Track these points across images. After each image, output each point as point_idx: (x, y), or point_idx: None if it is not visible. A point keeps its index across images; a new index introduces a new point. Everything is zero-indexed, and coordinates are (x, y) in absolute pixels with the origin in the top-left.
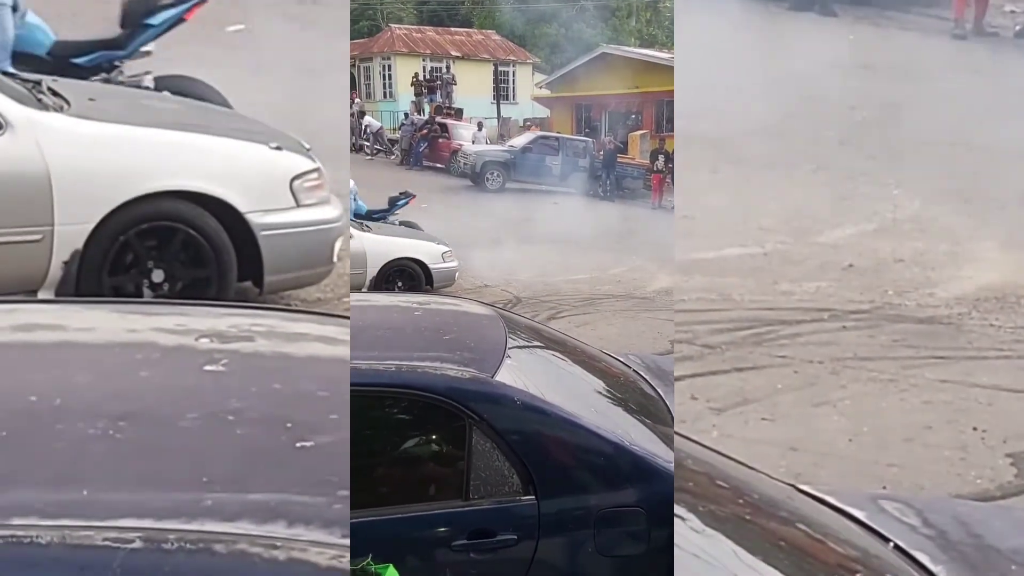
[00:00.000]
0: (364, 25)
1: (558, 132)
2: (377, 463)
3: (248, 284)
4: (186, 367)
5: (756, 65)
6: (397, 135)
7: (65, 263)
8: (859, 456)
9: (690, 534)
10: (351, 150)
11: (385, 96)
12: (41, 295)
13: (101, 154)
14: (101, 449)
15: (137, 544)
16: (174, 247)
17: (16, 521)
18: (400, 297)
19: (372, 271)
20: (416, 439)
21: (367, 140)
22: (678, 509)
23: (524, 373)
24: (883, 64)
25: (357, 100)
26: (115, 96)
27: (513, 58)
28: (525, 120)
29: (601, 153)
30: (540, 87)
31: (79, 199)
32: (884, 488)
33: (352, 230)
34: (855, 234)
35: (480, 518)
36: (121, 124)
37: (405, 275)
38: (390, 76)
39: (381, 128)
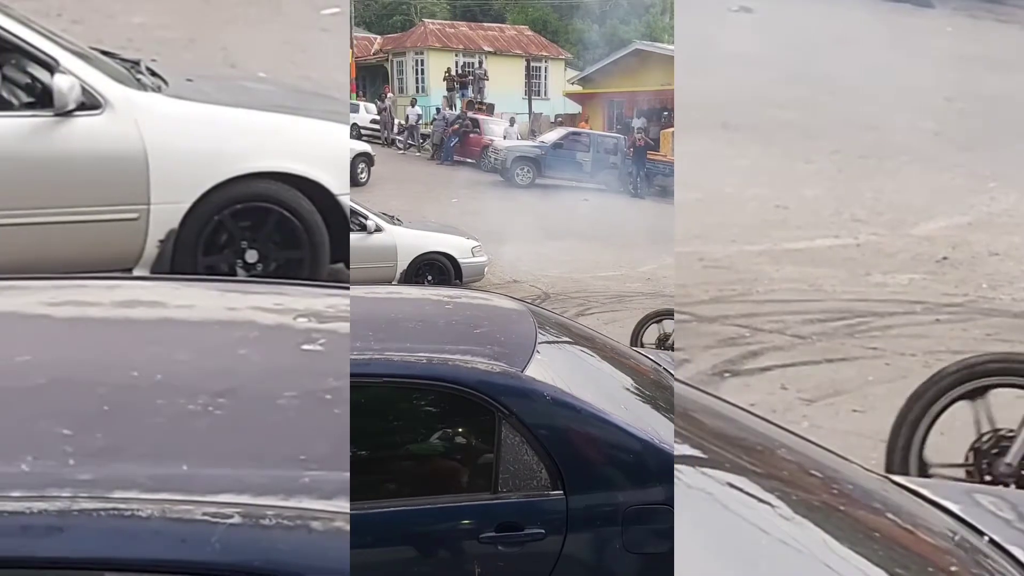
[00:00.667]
0: (397, 20)
1: (590, 128)
2: (407, 454)
3: (340, 266)
4: (284, 346)
5: (851, 56)
6: (429, 130)
7: (160, 242)
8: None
9: (779, 521)
10: (383, 144)
11: (417, 91)
12: (136, 273)
13: (197, 134)
14: (201, 425)
15: (236, 519)
16: (268, 228)
17: (118, 494)
18: (430, 290)
19: (402, 264)
20: (446, 431)
21: (400, 135)
22: (767, 496)
23: (553, 368)
24: (980, 56)
25: (390, 94)
26: (212, 77)
27: (545, 54)
28: (556, 116)
29: (632, 150)
30: (572, 83)
31: (175, 179)
32: None
33: (383, 224)
34: (949, 227)
35: (508, 511)
36: (218, 105)
37: (435, 269)
38: (423, 71)
39: (417, 121)
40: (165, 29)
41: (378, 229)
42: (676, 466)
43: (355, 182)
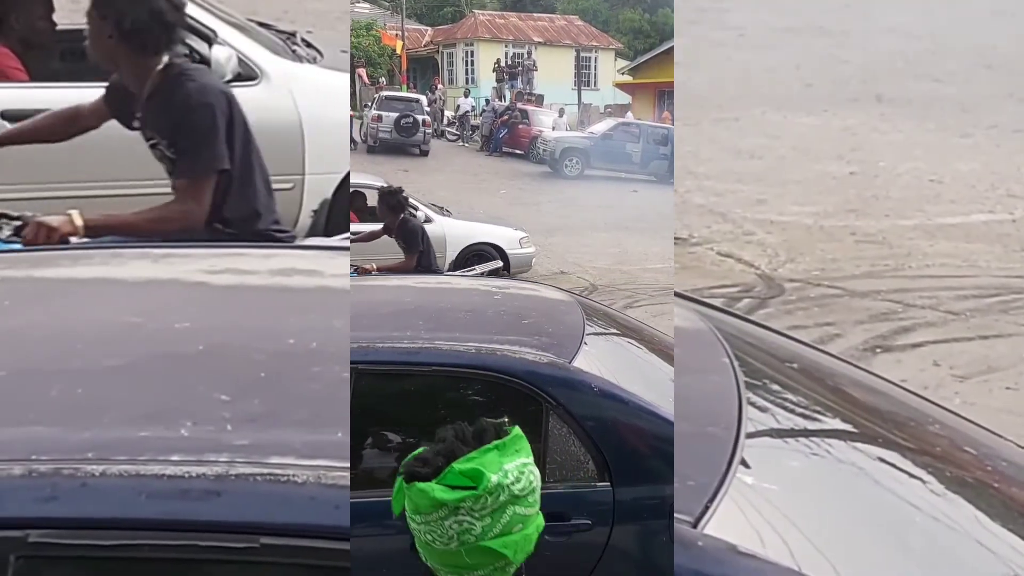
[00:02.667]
0: (448, 11)
1: (639, 119)
2: None
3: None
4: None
5: (1009, 28)
6: (478, 121)
7: (314, 212)
8: None
9: (931, 497)
10: (432, 136)
11: (467, 82)
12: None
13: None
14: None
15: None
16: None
17: (274, 460)
18: (479, 281)
19: (451, 255)
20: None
21: (450, 126)
22: (919, 471)
23: (601, 360)
24: None
25: (440, 87)
26: None
27: (596, 44)
28: (606, 106)
29: None
30: (622, 73)
31: (329, 149)
32: None
33: (432, 214)
34: None
35: (555, 501)
36: None
37: (483, 259)
38: (472, 62)
39: (467, 113)
40: (320, 1)
41: (428, 220)
42: (827, 440)
43: None
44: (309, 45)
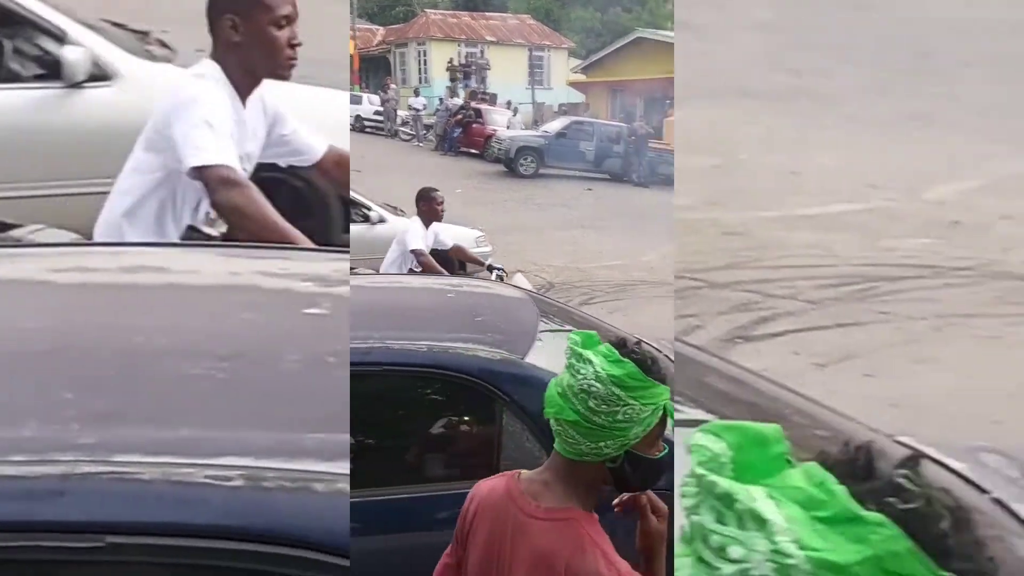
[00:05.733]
0: (400, 11)
1: (593, 117)
2: (410, 442)
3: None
4: (287, 310)
5: (863, 23)
6: (432, 120)
7: None
8: (961, 412)
9: None
10: (386, 136)
11: (420, 81)
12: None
13: None
14: (204, 388)
15: (238, 482)
16: (281, 197)
17: (119, 458)
18: (431, 280)
19: None
20: (449, 419)
21: (403, 126)
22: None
23: (555, 356)
24: (998, 20)
25: (393, 86)
26: None
27: (548, 43)
28: (560, 105)
29: (634, 138)
30: (575, 72)
31: None
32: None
33: (386, 215)
34: (961, 191)
35: None
36: None
37: (438, 259)
38: (425, 62)
39: (420, 112)
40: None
41: (382, 220)
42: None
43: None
44: (164, 45)
